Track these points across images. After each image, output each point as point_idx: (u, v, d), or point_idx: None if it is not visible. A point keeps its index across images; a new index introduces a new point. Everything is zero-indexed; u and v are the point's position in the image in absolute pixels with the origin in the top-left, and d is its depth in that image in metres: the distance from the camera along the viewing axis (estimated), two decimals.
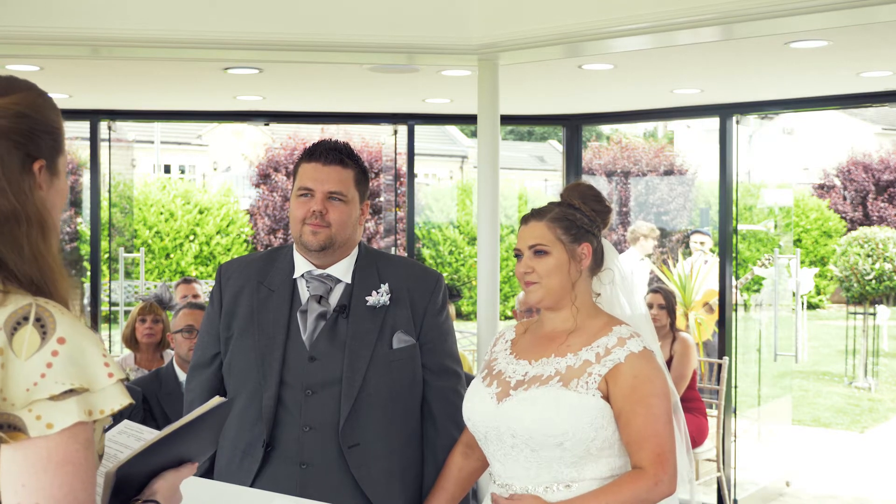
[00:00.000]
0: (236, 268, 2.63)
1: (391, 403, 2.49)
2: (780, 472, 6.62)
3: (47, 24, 4.09)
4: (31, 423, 1.28)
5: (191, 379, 2.64)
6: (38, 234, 1.38)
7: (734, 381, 6.03)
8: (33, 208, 1.38)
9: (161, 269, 14.89)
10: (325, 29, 4.22)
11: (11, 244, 1.35)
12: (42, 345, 1.30)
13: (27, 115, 1.40)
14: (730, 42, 4.13)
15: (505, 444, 2.26)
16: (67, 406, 1.29)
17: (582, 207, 2.35)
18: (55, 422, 1.29)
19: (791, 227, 16.45)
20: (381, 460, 2.47)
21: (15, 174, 1.38)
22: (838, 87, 5.51)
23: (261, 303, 2.53)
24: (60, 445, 1.29)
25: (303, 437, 2.44)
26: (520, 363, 2.34)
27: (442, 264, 16.38)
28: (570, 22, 4.02)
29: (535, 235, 2.32)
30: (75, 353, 1.32)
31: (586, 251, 2.32)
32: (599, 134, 23.08)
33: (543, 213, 2.34)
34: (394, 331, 2.50)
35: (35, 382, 1.29)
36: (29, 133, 1.40)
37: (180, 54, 4.48)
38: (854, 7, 3.44)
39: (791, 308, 7.87)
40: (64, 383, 1.29)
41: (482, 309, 4.48)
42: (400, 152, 6.98)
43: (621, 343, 2.25)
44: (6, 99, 1.40)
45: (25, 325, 1.31)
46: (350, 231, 2.51)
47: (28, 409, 1.28)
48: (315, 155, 2.50)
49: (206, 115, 8.00)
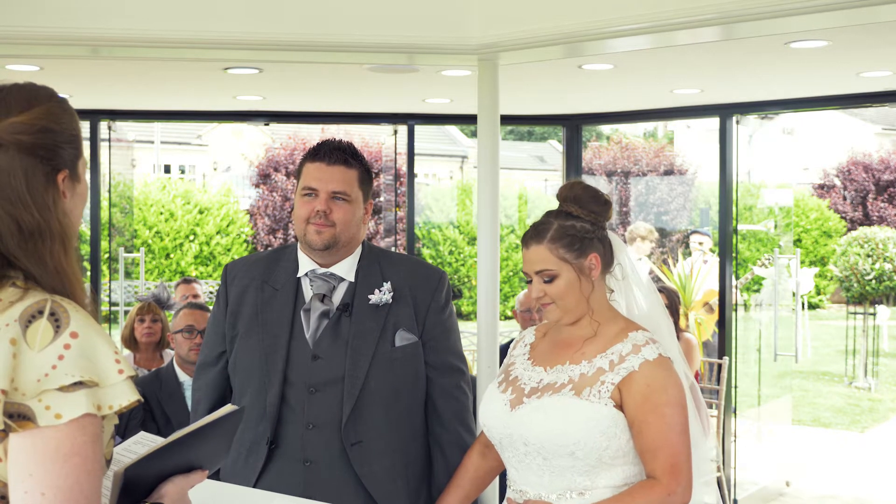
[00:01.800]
0: (241, 267, 2.65)
1: (394, 401, 2.50)
2: (780, 472, 6.62)
3: (47, 24, 4.08)
4: (41, 413, 1.30)
5: (197, 378, 2.67)
6: (60, 248, 1.41)
7: (734, 381, 6.03)
8: (56, 223, 1.41)
9: (161, 269, 14.89)
10: (325, 29, 4.22)
11: (36, 259, 1.39)
12: (55, 338, 1.33)
13: (50, 129, 1.43)
14: (730, 42, 4.13)
15: (518, 451, 2.25)
16: (76, 398, 1.31)
17: (580, 213, 2.28)
18: (64, 412, 1.30)
19: (791, 227, 16.45)
20: (384, 458, 2.48)
21: (39, 190, 1.40)
22: (838, 87, 5.51)
23: (265, 302, 2.55)
24: (69, 437, 1.31)
25: (306, 434, 2.45)
26: (535, 370, 2.32)
27: (442, 264, 16.38)
28: (570, 22, 4.02)
29: (539, 260, 2.25)
30: (87, 348, 1.34)
31: (594, 262, 2.27)
32: (599, 134, 23.08)
33: (542, 234, 2.26)
34: (396, 329, 2.51)
35: (46, 373, 1.31)
36: (52, 147, 1.43)
37: (180, 54, 4.47)
38: (854, 7, 3.43)
39: (791, 308, 7.87)
40: (74, 375, 1.31)
41: (482, 309, 4.48)
42: (400, 152, 6.98)
43: (636, 350, 2.21)
44: (29, 115, 1.42)
45: (40, 319, 1.33)
46: (354, 230, 2.52)
47: (38, 398, 1.30)
48: (319, 155, 2.51)
49: (206, 115, 7.99)
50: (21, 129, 1.40)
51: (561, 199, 2.34)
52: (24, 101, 1.43)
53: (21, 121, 1.40)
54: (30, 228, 1.38)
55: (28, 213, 1.38)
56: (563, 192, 2.35)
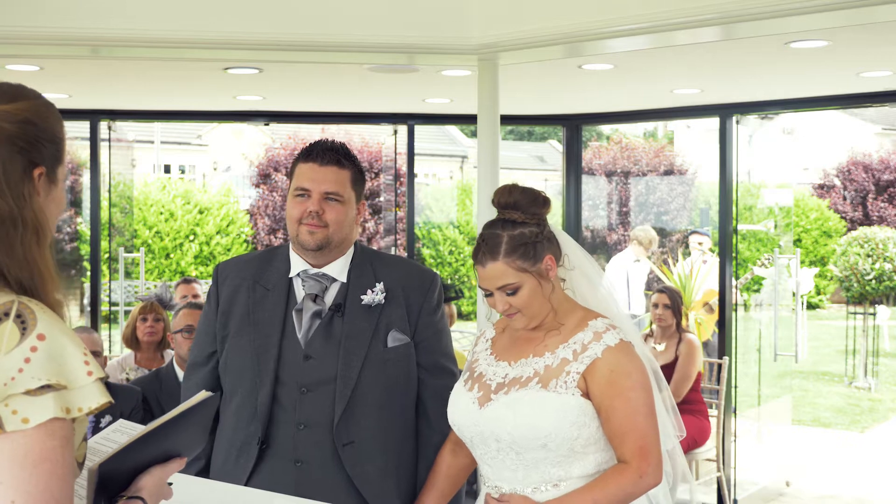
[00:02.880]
0: (233, 267, 2.65)
1: (386, 402, 2.50)
2: (780, 472, 6.62)
3: (47, 24, 4.09)
4: (7, 418, 1.27)
5: (188, 378, 2.66)
6: (33, 238, 1.39)
7: (734, 381, 6.03)
8: (31, 213, 1.39)
9: (161, 269, 14.88)
10: (325, 29, 4.22)
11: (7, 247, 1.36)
12: (21, 340, 1.30)
13: (32, 122, 1.42)
14: (730, 42, 4.13)
15: (490, 448, 2.27)
16: (44, 401, 1.29)
17: (524, 218, 2.26)
18: (31, 417, 1.28)
19: (791, 227, 16.45)
20: (376, 458, 2.48)
21: (16, 178, 1.39)
22: (838, 87, 5.51)
23: (257, 302, 2.54)
24: (37, 442, 1.28)
25: (297, 434, 2.45)
26: (500, 365, 2.33)
27: (442, 264, 16.38)
28: (570, 22, 4.02)
29: (499, 276, 2.24)
30: (55, 350, 1.32)
31: (550, 262, 2.27)
32: (599, 134, 23.07)
33: (496, 249, 2.23)
34: (388, 329, 2.51)
35: (12, 377, 1.28)
36: (33, 140, 1.42)
37: (180, 54, 4.48)
38: (854, 7, 3.44)
39: (791, 308, 7.87)
40: (41, 378, 1.29)
41: (482, 309, 4.48)
42: (400, 152, 6.98)
43: (597, 338, 2.23)
44: (13, 105, 1.41)
45: (6, 321, 1.31)
46: (346, 231, 2.52)
47: (4, 403, 1.28)
48: (312, 155, 2.51)
49: (206, 115, 8.00)
50: (3, 117, 1.39)
51: (501, 207, 2.30)
52: (10, 95, 1.44)
53: (5, 109, 1.40)
54: (2, 215, 1.36)
55: (2, 200, 1.37)
56: (500, 199, 2.30)
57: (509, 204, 2.29)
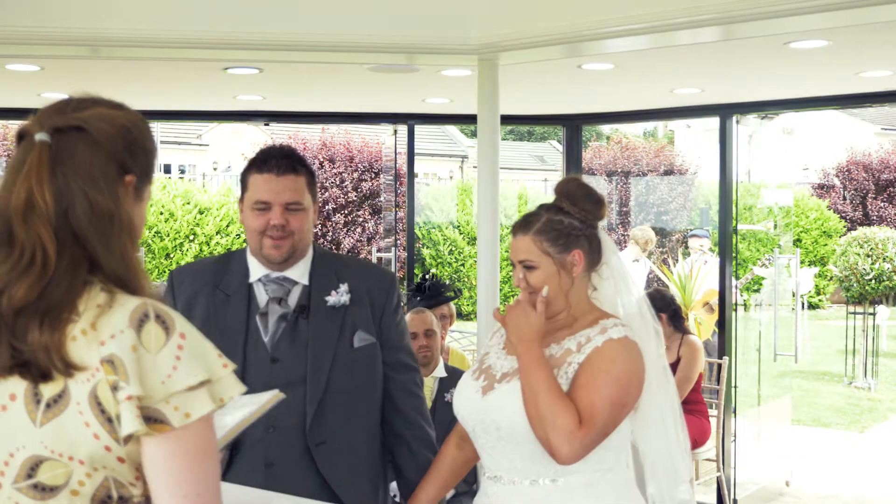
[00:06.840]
0: (188, 273, 2.65)
1: (354, 401, 2.53)
2: (780, 472, 6.62)
3: (47, 24, 4.08)
4: (171, 415, 1.35)
5: None
6: (127, 237, 1.46)
7: (734, 381, 6.03)
8: (125, 213, 1.46)
9: (161, 269, 14.89)
10: (325, 29, 4.22)
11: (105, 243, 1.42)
12: (167, 340, 1.37)
13: (131, 131, 1.50)
14: (730, 42, 4.13)
15: (491, 436, 2.28)
16: (202, 396, 1.37)
17: (571, 210, 2.31)
18: (193, 411, 1.36)
19: (791, 227, 16.45)
20: (347, 457, 2.51)
21: (111, 179, 1.46)
22: (838, 87, 5.51)
23: (217, 307, 2.54)
24: (201, 434, 1.37)
25: (266, 437, 2.46)
26: (508, 358, 2.35)
27: (442, 264, 16.38)
28: (570, 22, 4.02)
29: (522, 250, 2.30)
30: (197, 347, 1.40)
31: (577, 258, 2.29)
32: (599, 134, 23.10)
33: (530, 225, 2.30)
34: (354, 330, 2.54)
35: (169, 375, 1.36)
36: (129, 146, 1.49)
37: (180, 54, 4.47)
38: (854, 7, 3.44)
39: (791, 308, 7.87)
40: (197, 374, 1.37)
41: (482, 309, 4.48)
42: (400, 152, 6.98)
43: (603, 331, 2.24)
44: (116, 111, 1.50)
45: (149, 322, 1.37)
46: (309, 236, 2.54)
47: (166, 401, 1.35)
48: (268, 165, 2.48)
49: (206, 115, 8.00)
50: (106, 119, 1.48)
51: (556, 192, 2.37)
52: (112, 104, 1.53)
53: (108, 113, 1.49)
54: (101, 210, 1.42)
55: (102, 196, 1.43)
56: (559, 186, 2.39)
57: (563, 192, 2.35)
